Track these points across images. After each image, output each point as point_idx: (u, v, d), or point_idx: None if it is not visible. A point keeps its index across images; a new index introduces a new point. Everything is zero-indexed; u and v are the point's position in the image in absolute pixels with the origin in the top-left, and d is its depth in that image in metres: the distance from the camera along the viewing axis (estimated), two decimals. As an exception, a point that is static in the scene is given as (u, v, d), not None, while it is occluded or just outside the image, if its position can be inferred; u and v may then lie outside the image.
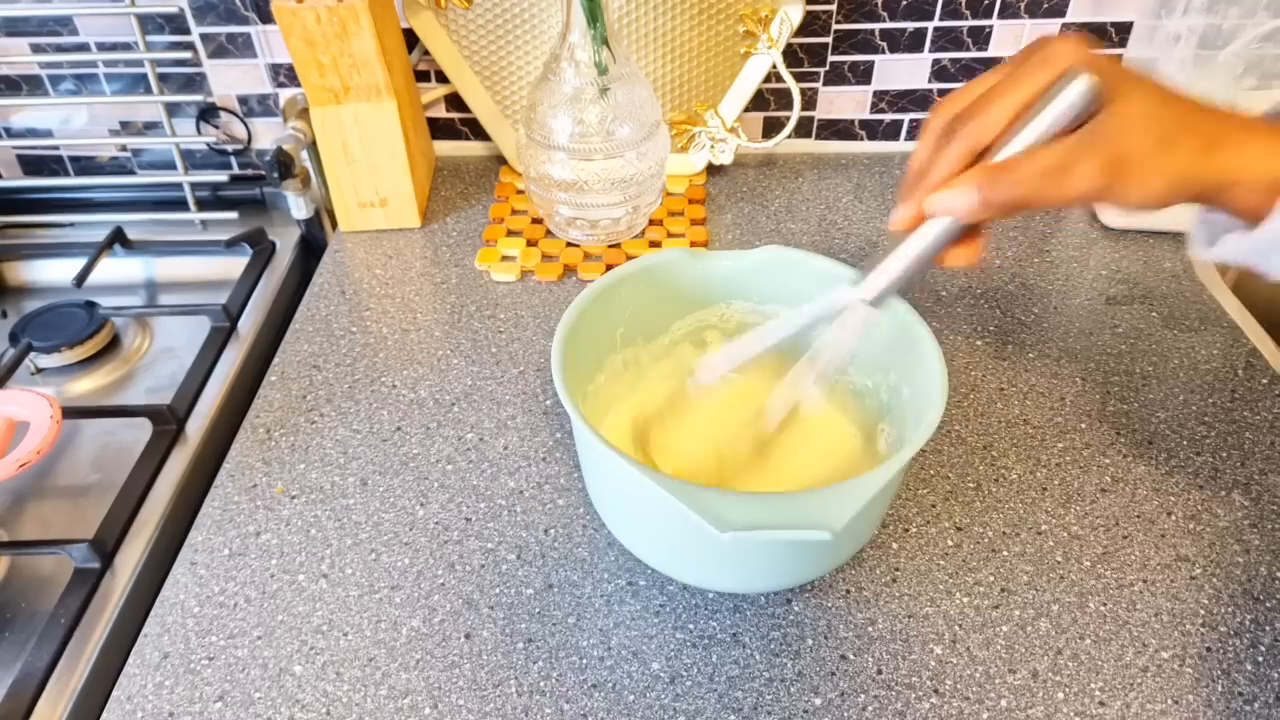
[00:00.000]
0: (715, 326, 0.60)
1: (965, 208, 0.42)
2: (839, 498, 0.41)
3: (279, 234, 0.84)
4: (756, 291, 0.58)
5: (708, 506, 0.41)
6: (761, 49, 0.80)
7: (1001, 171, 0.41)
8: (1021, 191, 0.41)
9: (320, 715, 0.47)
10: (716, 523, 0.40)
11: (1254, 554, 0.53)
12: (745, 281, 0.58)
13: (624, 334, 0.58)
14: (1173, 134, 0.40)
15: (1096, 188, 0.40)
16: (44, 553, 0.56)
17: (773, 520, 0.40)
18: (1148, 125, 0.40)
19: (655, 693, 0.48)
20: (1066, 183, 0.40)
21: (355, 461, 0.60)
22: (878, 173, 0.87)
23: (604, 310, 0.55)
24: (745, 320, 0.59)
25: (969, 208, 0.42)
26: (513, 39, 0.81)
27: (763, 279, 0.57)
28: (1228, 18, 0.68)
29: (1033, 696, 0.47)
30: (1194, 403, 0.63)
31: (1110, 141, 0.40)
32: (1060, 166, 0.40)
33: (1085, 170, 0.40)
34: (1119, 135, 0.40)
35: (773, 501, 0.41)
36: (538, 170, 0.73)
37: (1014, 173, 0.41)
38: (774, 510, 0.41)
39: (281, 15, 0.69)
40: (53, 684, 0.50)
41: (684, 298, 0.58)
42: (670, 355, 0.60)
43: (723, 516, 0.40)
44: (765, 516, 0.40)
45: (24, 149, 0.89)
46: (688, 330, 0.60)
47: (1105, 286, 0.73)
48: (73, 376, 0.72)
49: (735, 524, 0.40)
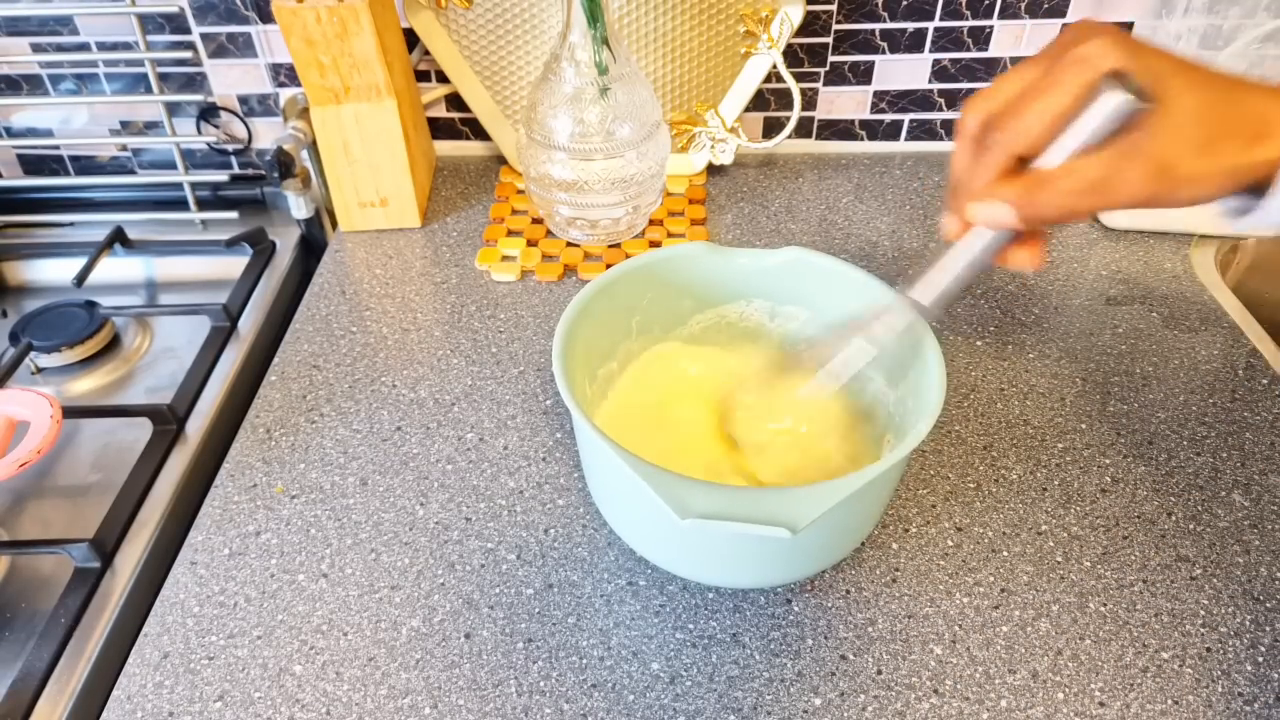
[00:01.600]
0: (735, 324, 0.60)
1: (1004, 223, 0.42)
2: (806, 499, 0.41)
3: (279, 234, 0.84)
4: (777, 292, 0.58)
5: (672, 492, 0.41)
6: (762, 49, 0.80)
7: (1040, 187, 0.40)
8: (1063, 206, 0.40)
9: (320, 715, 0.47)
10: (679, 509, 0.40)
11: (1254, 554, 0.53)
12: (765, 281, 0.58)
13: (640, 322, 0.58)
14: (1218, 134, 0.38)
15: (1143, 197, 0.39)
16: (44, 552, 0.56)
17: (734, 512, 0.40)
18: (1192, 129, 0.38)
19: (655, 693, 0.48)
20: (1110, 194, 0.39)
21: (355, 461, 0.60)
22: (878, 173, 0.87)
23: (622, 295, 0.55)
24: (763, 320, 0.59)
25: (1008, 223, 0.42)
26: (513, 39, 0.81)
27: (784, 280, 0.57)
28: (1228, 18, 0.68)
29: (1033, 697, 0.47)
30: (1194, 403, 0.63)
31: (1156, 151, 0.38)
32: (1103, 180, 0.39)
33: (1130, 182, 0.39)
34: (1164, 143, 0.38)
35: (739, 494, 0.42)
36: (538, 170, 0.73)
37: (1054, 187, 0.40)
38: (738, 503, 0.41)
39: (282, 15, 0.69)
40: (53, 684, 0.50)
41: (704, 292, 0.59)
42: (690, 348, 0.60)
43: (685, 503, 0.41)
44: (727, 508, 0.41)
45: (24, 149, 0.89)
46: (707, 325, 0.60)
47: (1105, 286, 0.73)
48: (73, 376, 0.72)
49: (696, 511, 0.40)
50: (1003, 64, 0.84)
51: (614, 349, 0.58)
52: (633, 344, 0.59)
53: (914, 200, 0.83)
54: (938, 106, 0.87)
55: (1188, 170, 0.39)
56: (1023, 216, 0.41)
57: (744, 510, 0.41)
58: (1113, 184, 0.39)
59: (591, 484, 0.55)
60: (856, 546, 0.54)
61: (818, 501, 0.41)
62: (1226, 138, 0.38)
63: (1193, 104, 0.38)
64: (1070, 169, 0.40)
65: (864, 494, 0.46)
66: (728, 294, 0.59)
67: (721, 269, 0.57)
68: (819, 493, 0.42)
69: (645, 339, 0.59)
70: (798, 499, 0.41)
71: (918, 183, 0.85)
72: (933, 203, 0.83)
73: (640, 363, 0.60)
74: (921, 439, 0.44)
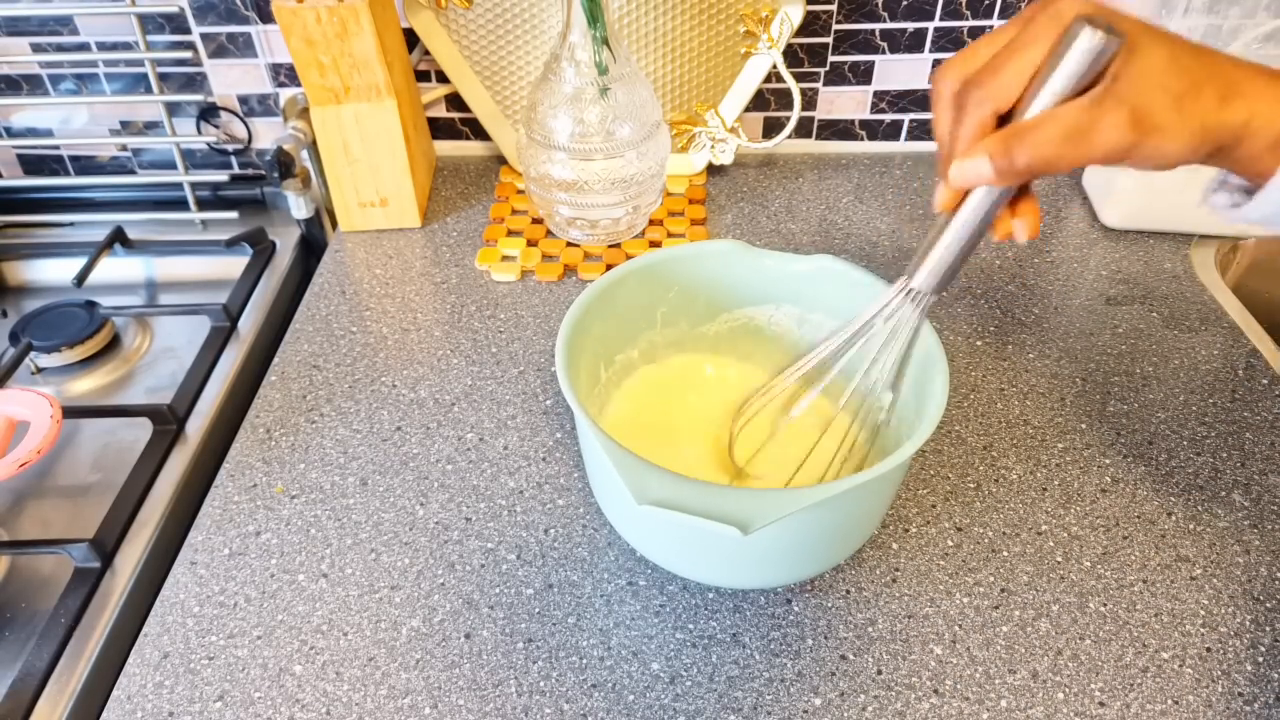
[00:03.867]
0: (762, 328, 0.60)
1: (985, 177, 0.41)
2: (768, 502, 0.41)
3: (279, 234, 0.84)
4: (805, 298, 0.58)
5: (635, 476, 0.41)
6: (762, 49, 0.80)
7: (1018, 137, 0.40)
8: (1041, 155, 0.39)
9: (320, 715, 0.47)
10: (637, 493, 0.41)
11: (1254, 554, 0.53)
12: (794, 286, 0.58)
13: (665, 314, 0.58)
14: (1190, 85, 0.38)
15: (1121, 147, 0.39)
16: (44, 552, 0.56)
17: (691, 505, 0.40)
18: (1167, 77, 0.38)
19: (655, 693, 0.48)
20: (1088, 143, 0.39)
21: (355, 461, 0.60)
22: (878, 173, 0.87)
23: (647, 284, 0.56)
24: (791, 327, 0.59)
25: (988, 177, 0.41)
26: (513, 39, 0.81)
27: (812, 286, 0.57)
28: (1228, 18, 0.68)
29: (1033, 697, 0.47)
30: (1194, 403, 0.63)
31: (1131, 96, 0.38)
32: (1079, 128, 0.39)
33: (1108, 130, 0.38)
34: (1140, 89, 0.38)
35: (700, 488, 0.42)
36: (538, 170, 0.73)
37: (1032, 136, 0.39)
38: (698, 496, 0.41)
39: (282, 15, 0.69)
40: (53, 683, 0.50)
41: (732, 291, 0.59)
42: (716, 345, 0.61)
43: (645, 488, 0.41)
44: (685, 499, 0.41)
45: (24, 149, 0.89)
46: (734, 325, 0.60)
47: (1105, 286, 0.73)
48: (73, 376, 0.72)
49: (653, 498, 0.40)
50: (1003, 64, 0.84)
51: (636, 337, 0.58)
52: (655, 335, 0.59)
53: (914, 200, 0.83)
54: (938, 106, 0.87)
55: (1162, 119, 0.38)
56: (1001, 169, 0.40)
57: (701, 504, 0.40)
58: (1089, 132, 0.39)
59: (593, 481, 0.55)
60: (857, 548, 0.54)
61: (777, 506, 0.41)
62: (1197, 92, 0.38)
63: (1166, 54, 0.38)
64: (1047, 116, 0.39)
65: (863, 498, 0.47)
66: (756, 296, 0.59)
67: (752, 270, 0.57)
68: (780, 498, 0.42)
69: (670, 331, 0.60)
70: (759, 501, 0.41)
71: (918, 183, 0.85)
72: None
73: (650, 376, 0.60)
74: (906, 458, 0.44)
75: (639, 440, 0.48)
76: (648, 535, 0.50)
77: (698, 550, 0.48)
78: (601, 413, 0.58)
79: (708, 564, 0.49)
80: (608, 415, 0.58)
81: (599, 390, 0.57)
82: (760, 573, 0.49)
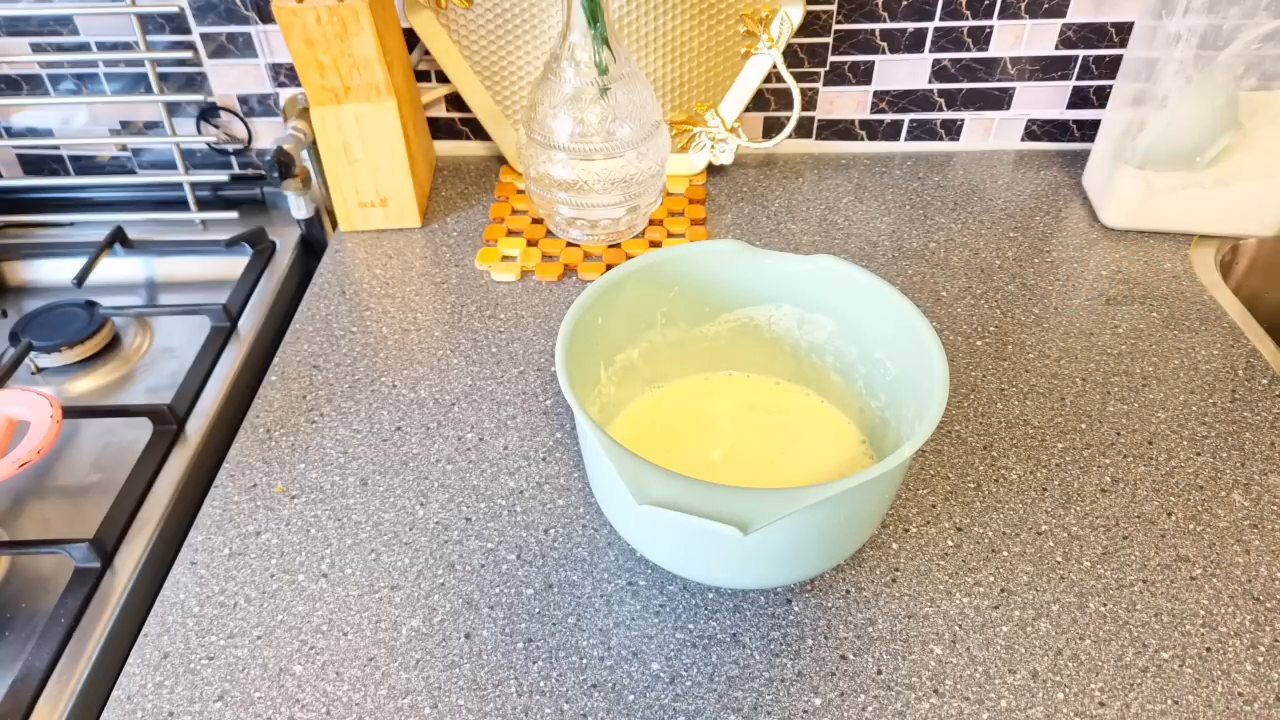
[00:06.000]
0: (762, 328, 0.60)
1: None
2: (768, 502, 0.41)
3: (279, 234, 0.84)
4: (805, 298, 0.58)
5: (635, 476, 0.41)
6: (762, 49, 0.80)
7: None
8: None
9: (320, 715, 0.47)
10: (637, 493, 0.41)
11: (1254, 554, 0.53)
12: (795, 286, 0.58)
13: (666, 314, 0.58)
14: None
15: None
16: (44, 552, 0.56)
17: (691, 505, 0.40)
18: None
19: (655, 693, 0.48)
20: None
21: (355, 461, 0.60)
22: (878, 173, 0.87)
23: (648, 284, 0.56)
24: (791, 327, 0.59)
25: None
26: (513, 39, 0.81)
27: (812, 287, 0.57)
28: (1228, 18, 0.68)
29: (1033, 697, 0.47)
30: (1194, 403, 0.63)
31: None
32: None
33: None
34: None
35: (700, 488, 0.41)
36: (538, 170, 0.73)
37: None
38: (698, 496, 0.41)
39: (282, 15, 0.69)
40: (53, 684, 0.50)
41: (733, 290, 0.59)
42: (715, 344, 0.61)
43: (645, 488, 0.41)
44: (685, 500, 0.41)
45: (24, 149, 0.89)
46: (735, 324, 0.60)
47: (1105, 286, 0.73)
48: (73, 376, 0.72)
49: (653, 498, 0.40)
50: (1002, 64, 0.84)
51: (636, 337, 0.58)
52: (655, 335, 0.59)
53: (914, 200, 0.83)
54: (938, 106, 0.87)
55: None
56: None
57: (701, 504, 0.40)
58: None
59: (593, 481, 0.55)
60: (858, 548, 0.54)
61: (777, 506, 0.41)
62: None
63: None
64: None
65: (863, 498, 0.47)
66: (756, 296, 0.59)
67: (752, 269, 0.57)
68: (780, 498, 0.41)
69: (670, 331, 0.59)
70: (759, 501, 0.41)
71: (918, 183, 0.85)
72: (933, 203, 0.83)
73: (655, 400, 0.60)
74: (906, 458, 0.44)
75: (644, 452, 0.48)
76: (648, 535, 0.50)
77: (698, 550, 0.48)
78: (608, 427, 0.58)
79: (708, 564, 0.49)
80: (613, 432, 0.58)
81: (599, 390, 0.57)
82: (760, 573, 0.49)
